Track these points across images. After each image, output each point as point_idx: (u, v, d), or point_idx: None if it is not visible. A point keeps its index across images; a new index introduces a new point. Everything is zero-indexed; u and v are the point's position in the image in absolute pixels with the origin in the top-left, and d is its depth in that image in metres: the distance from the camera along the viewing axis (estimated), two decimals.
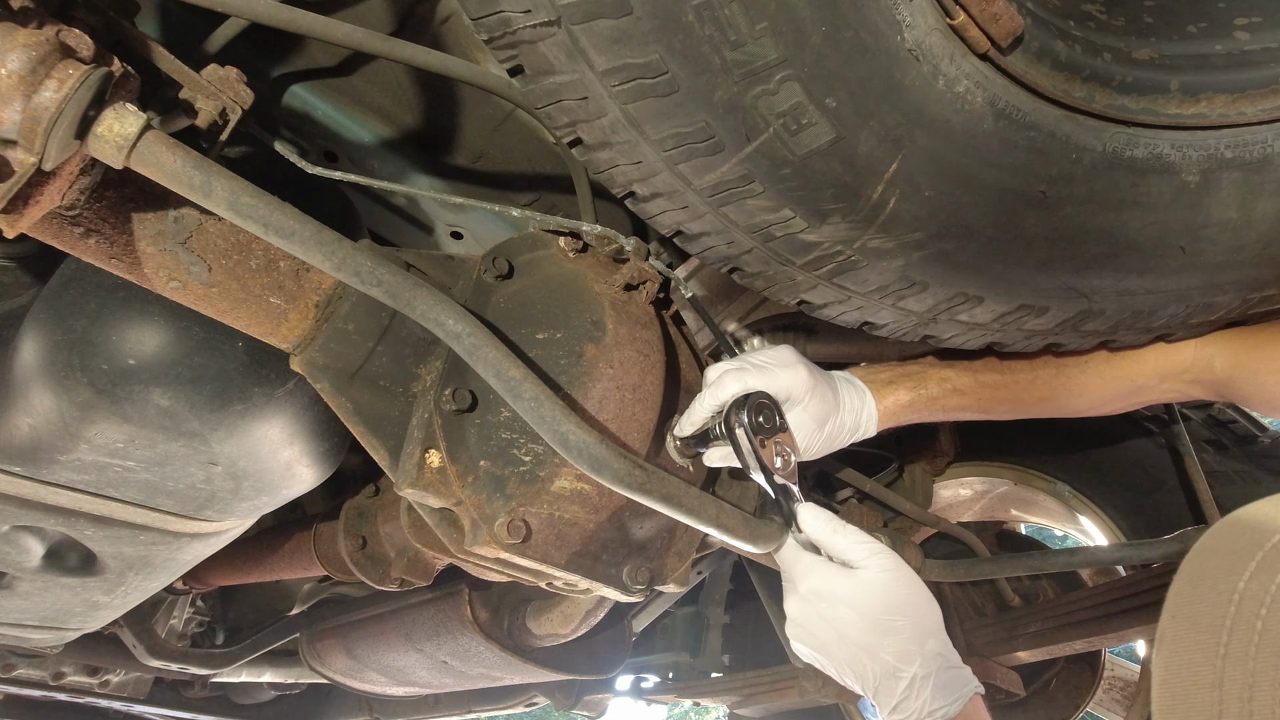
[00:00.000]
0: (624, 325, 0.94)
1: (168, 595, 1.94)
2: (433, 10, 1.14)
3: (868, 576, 0.79)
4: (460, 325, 0.76)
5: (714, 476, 1.08)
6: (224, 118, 0.88)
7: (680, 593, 2.31)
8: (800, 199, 0.77)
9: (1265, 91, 0.79)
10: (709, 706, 7.11)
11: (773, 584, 2.31)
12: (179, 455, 1.06)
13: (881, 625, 0.77)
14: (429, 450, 0.85)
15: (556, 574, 0.90)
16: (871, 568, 0.79)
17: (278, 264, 0.89)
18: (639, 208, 0.84)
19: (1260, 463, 1.61)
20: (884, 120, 0.72)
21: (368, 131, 1.27)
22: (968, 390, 1.04)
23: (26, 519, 1.15)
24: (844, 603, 0.79)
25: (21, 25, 0.62)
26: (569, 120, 0.76)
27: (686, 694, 2.62)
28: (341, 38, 0.96)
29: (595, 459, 0.74)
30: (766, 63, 0.68)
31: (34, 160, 0.63)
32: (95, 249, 0.80)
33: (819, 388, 0.97)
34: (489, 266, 0.98)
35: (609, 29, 0.67)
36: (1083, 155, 0.78)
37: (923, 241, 0.81)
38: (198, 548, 1.31)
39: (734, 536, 0.88)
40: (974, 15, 0.68)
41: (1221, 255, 0.86)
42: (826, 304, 0.92)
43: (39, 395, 0.98)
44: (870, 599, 0.78)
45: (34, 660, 1.97)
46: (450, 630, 1.52)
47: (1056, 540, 3.66)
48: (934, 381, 1.05)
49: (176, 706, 2.38)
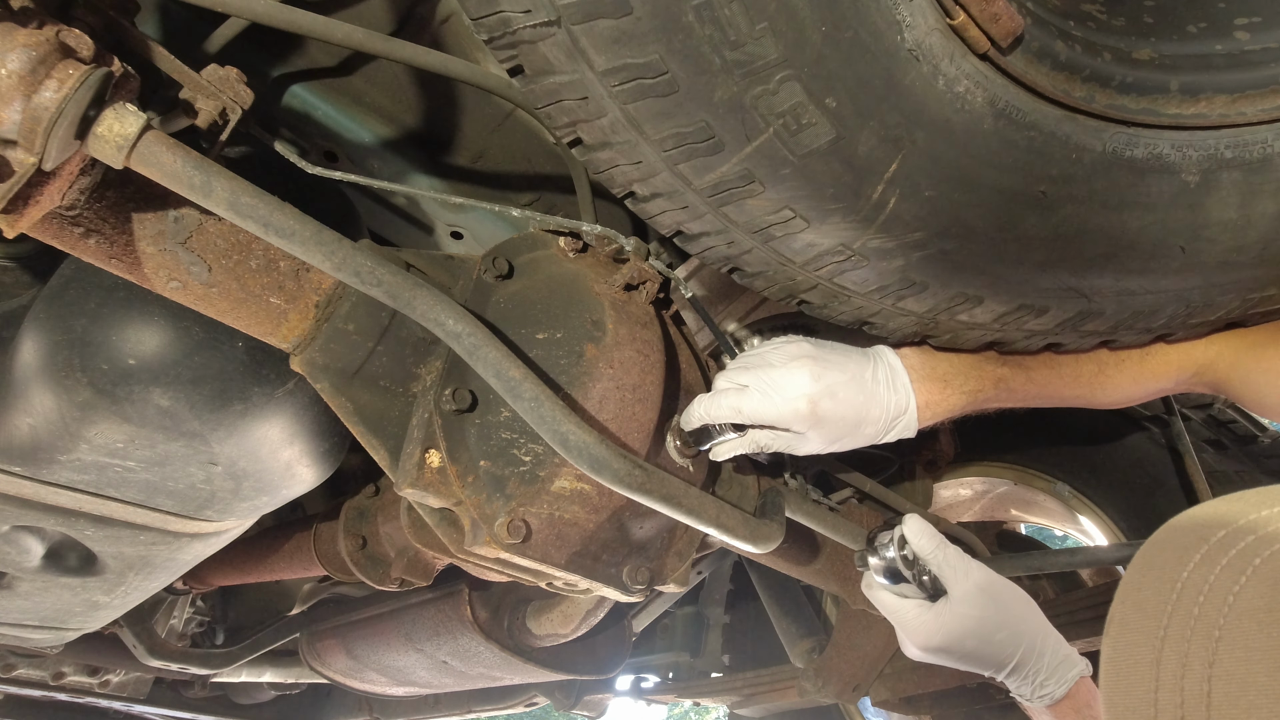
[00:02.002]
0: (624, 325, 0.94)
1: (168, 595, 1.94)
2: (433, 10, 1.14)
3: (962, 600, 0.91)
4: (460, 325, 0.76)
5: (714, 476, 1.08)
6: (224, 118, 0.88)
7: (680, 593, 2.31)
8: (800, 199, 0.77)
9: (1265, 91, 0.79)
10: (709, 706, 7.10)
11: (773, 584, 2.31)
12: (179, 455, 1.06)
13: (984, 638, 0.90)
14: (429, 450, 0.85)
15: (556, 574, 0.90)
16: (968, 590, 0.91)
17: (278, 264, 0.89)
18: (639, 208, 0.84)
19: (1260, 463, 1.61)
20: (884, 120, 0.72)
21: (368, 131, 1.27)
22: (1018, 389, 0.98)
23: (26, 519, 1.15)
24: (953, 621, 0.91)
25: (21, 25, 0.62)
26: (569, 120, 0.76)
27: (686, 694, 2.63)
28: (341, 38, 0.96)
29: (595, 459, 0.74)
30: (766, 63, 0.68)
31: (34, 160, 0.63)
32: (95, 249, 0.80)
33: (829, 406, 0.88)
34: (489, 266, 0.98)
35: (609, 29, 0.67)
36: (1083, 155, 0.78)
37: (923, 241, 0.81)
38: (198, 548, 1.31)
39: (734, 536, 0.88)
40: (974, 15, 0.68)
41: (1221, 255, 0.86)
42: (826, 304, 0.92)
43: (39, 395, 0.98)
44: (970, 618, 0.90)
45: (34, 660, 1.97)
46: (450, 630, 1.52)
47: (1056, 540, 3.66)
48: (990, 383, 0.96)
49: (176, 706, 2.38)
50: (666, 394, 0.98)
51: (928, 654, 0.95)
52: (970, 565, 0.94)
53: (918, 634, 0.94)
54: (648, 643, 2.75)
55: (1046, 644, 0.92)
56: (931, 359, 0.95)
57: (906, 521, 0.98)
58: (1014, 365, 0.97)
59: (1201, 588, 0.54)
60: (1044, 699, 0.93)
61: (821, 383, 0.88)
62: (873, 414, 0.90)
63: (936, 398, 0.92)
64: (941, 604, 0.93)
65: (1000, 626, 0.91)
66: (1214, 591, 0.53)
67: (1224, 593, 0.53)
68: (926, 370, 0.94)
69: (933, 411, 0.93)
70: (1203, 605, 0.53)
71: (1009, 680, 0.94)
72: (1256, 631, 0.50)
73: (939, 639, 0.92)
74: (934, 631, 0.92)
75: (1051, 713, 0.93)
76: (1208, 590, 0.53)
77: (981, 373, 0.95)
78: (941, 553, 0.94)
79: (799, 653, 2.16)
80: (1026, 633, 0.91)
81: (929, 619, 0.92)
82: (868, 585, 1.01)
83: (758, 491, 1.09)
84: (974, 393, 0.94)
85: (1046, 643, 0.92)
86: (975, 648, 0.91)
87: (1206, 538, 0.56)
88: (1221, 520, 0.57)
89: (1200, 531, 0.57)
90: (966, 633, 0.91)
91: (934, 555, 0.94)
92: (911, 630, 0.94)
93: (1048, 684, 0.92)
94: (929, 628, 0.92)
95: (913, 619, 0.94)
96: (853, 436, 0.91)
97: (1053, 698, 0.92)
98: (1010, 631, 0.91)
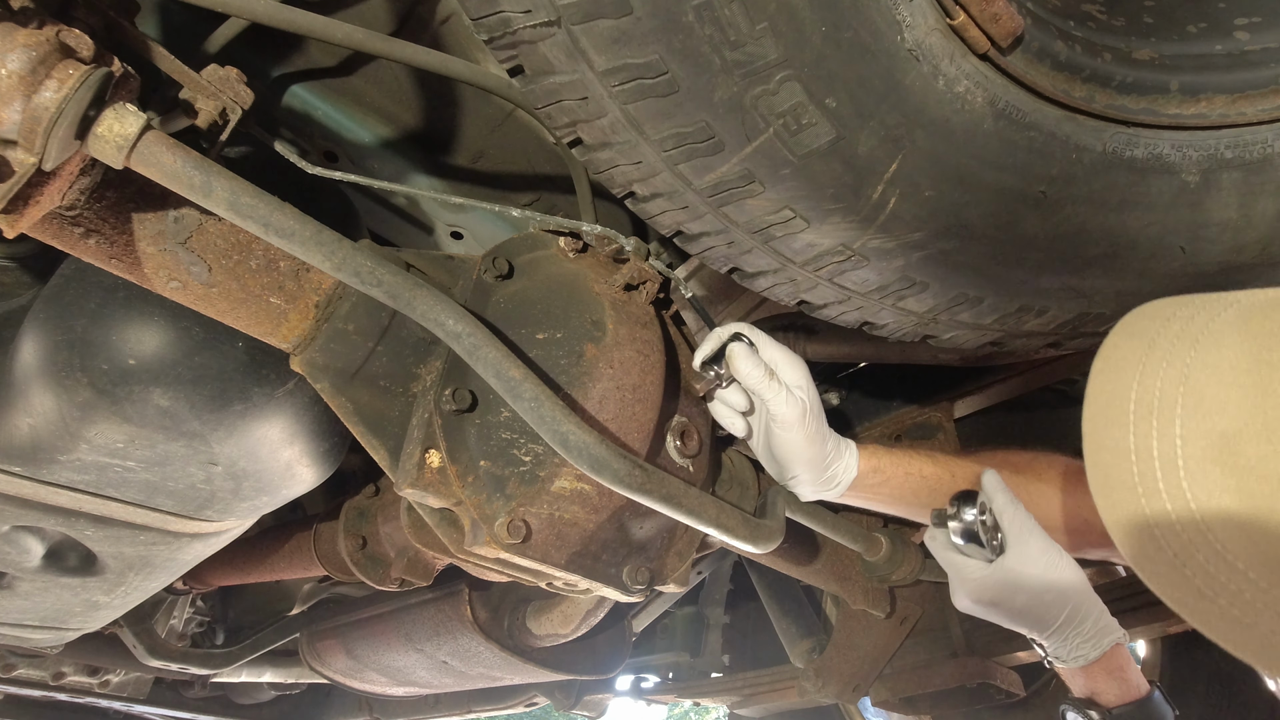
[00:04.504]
0: (624, 325, 0.94)
1: (168, 595, 1.94)
2: (433, 10, 1.14)
3: (1020, 558, 0.95)
4: (460, 325, 0.76)
5: (714, 476, 1.08)
6: (224, 118, 0.88)
7: (680, 593, 2.31)
8: (800, 199, 0.77)
9: (1265, 91, 0.79)
10: (709, 706, 7.11)
11: (773, 584, 2.31)
12: (179, 455, 1.06)
13: (1035, 595, 0.95)
14: (429, 450, 0.85)
15: (556, 574, 0.90)
16: (1010, 559, 0.95)
17: (278, 264, 0.89)
18: (639, 208, 0.84)
19: None
20: (884, 120, 0.72)
21: (368, 131, 1.27)
22: (937, 480, 1.09)
23: (26, 519, 1.15)
24: (1009, 576, 0.96)
25: (21, 25, 0.62)
26: (569, 120, 0.76)
27: (686, 694, 2.63)
28: (341, 38, 0.96)
29: (595, 459, 0.74)
30: (766, 63, 0.68)
31: (34, 160, 0.63)
32: (95, 249, 0.80)
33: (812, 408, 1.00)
34: (489, 266, 0.98)
35: (609, 29, 0.67)
36: (1083, 155, 0.78)
37: (923, 242, 0.81)
38: (198, 548, 1.31)
39: (734, 536, 0.88)
40: (974, 15, 0.68)
41: (1221, 255, 0.86)
42: (826, 304, 0.92)
43: (39, 395, 0.98)
44: (1026, 575, 0.95)
45: (34, 660, 1.97)
46: (450, 630, 1.52)
47: None
48: (913, 461, 1.09)
49: (176, 706, 2.38)
50: (666, 394, 0.98)
51: (979, 606, 1.00)
52: (1033, 526, 0.98)
53: (976, 586, 0.98)
54: (648, 643, 2.75)
55: (1090, 610, 0.97)
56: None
57: (986, 476, 1.03)
58: (926, 458, 1.11)
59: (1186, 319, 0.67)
60: (1078, 660, 0.97)
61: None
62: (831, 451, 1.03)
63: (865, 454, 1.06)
64: (1000, 560, 0.97)
65: (1050, 587, 0.95)
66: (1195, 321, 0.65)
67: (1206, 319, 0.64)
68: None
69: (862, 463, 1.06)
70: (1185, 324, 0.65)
71: (1049, 640, 0.99)
72: (1235, 332, 0.60)
73: (994, 593, 0.97)
74: (992, 585, 0.97)
75: (1085, 674, 0.98)
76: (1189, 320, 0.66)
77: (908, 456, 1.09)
78: (1012, 509, 0.98)
79: (799, 653, 2.16)
80: (1074, 596, 0.96)
81: (988, 572, 0.97)
82: (930, 538, 1.06)
83: (758, 491, 1.09)
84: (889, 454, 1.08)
85: (1091, 609, 0.97)
86: (1025, 604, 0.96)
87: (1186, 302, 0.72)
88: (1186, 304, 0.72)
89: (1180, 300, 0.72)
90: (1020, 589, 0.95)
91: (1006, 509, 0.98)
92: (971, 582, 0.99)
93: (1083, 646, 0.97)
94: (987, 581, 0.97)
95: (972, 571, 0.99)
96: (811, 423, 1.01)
97: (1087, 659, 0.97)
98: (1058, 593, 0.95)
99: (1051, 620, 0.96)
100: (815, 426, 0.98)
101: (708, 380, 1.00)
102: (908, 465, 1.08)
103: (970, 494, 1.02)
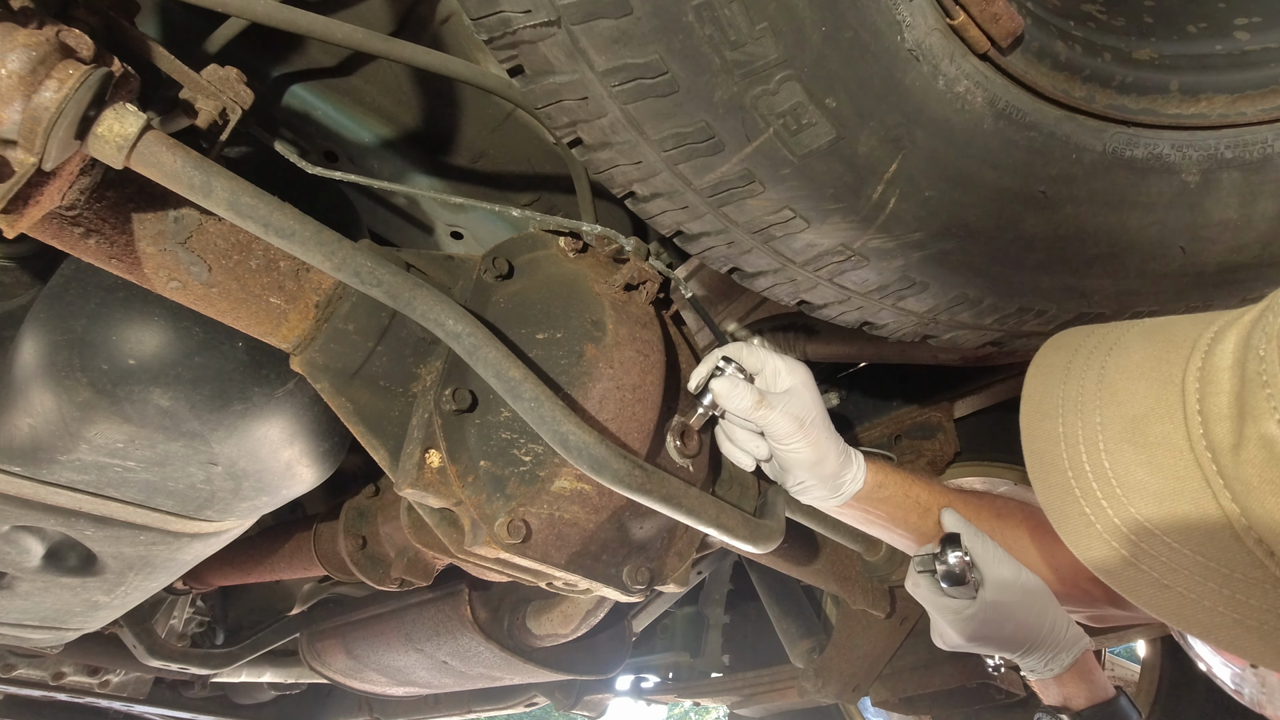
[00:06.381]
0: (624, 325, 0.94)
1: (168, 595, 1.94)
2: (433, 10, 1.14)
3: (999, 588, 0.98)
4: (460, 325, 0.76)
5: (714, 476, 1.08)
6: (224, 118, 0.88)
7: (680, 593, 2.31)
8: (800, 199, 0.77)
9: (1265, 91, 0.79)
10: (709, 706, 7.11)
11: (773, 584, 2.31)
12: (179, 455, 1.06)
13: (1018, 622, 0.98)
14: (429, 450, 0.85)
15: (556, 574, 0.90)
16: (990, 592, 0.98)
17: (278, 264, 0.89)
18: (639, 208, 0.84)
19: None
20: (884, 120, 0.72)
21: (368, 131, 1.27)
22: (928, 504, 1.10)
23: (26, 519, 1.15)
24: (992, 611, 0.98)
25: (21, 25, 0.62)
26: (569, 120, 0.76)
27: (686, 694, 2.63)
28: (341, 38, 0.96)
29: (595, 459, 0.74)
30: (766, 63, 0.68)
31: (34, 160, 0.63)
32: (95, 249, 0.80)
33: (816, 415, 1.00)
34: (489, 266, 0.98)
35: (609, 29, 0.67)
36: (1083, 155, 0.78)
37: (923, 242, 0.81)
38: (198, 548, 1.31)
39: (734, 536, 0.88)
40: (974, 15, 0.69)
41: (1221, 255, 0.86)
42: (826, 304, 0.92)
43: (39, 395, 0.98)
44: (1006, 604, 0.98)
45: (34, 660, 1.97)
46: (450, 630, 1.53)
47: None
48: (912, 484, 1.10)
49: (176, 706, 2.38)
50: (666, 394, 0.98)
51: (974, 643, 1.02)
52: (1000, 553, 1.00)
53: (966, 627, 1.00)
54: (648, 643, 2.75)
55: (1059, 622, 0.99)
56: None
57: (946, 515, 1.05)
58: (927, 487, 1.12)
59: (1102, 334, 0.76)
60: (1054, 670, 1.00)
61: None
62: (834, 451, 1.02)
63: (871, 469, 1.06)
64: (981, 594, 0.99)
65: (1027, 609, 0.98)
66: (1109, 335, 0.75)
67: (1118, 334, 0.74)
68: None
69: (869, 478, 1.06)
70: (1101, 337, 0.75)
71: (1026, 659, 1.01)
72: (1140, 340, 0.71)
73: (987, 627, 0.99)
74: (982, 620, 0.99)
75: (1057, 682, 1.01)
76: (1105, 334, 0.75)
77: (911, 480, 1.11)
78: (979, 542, 1.01)
79: (799, 653, 2.16)
80: (1047, 613, 0.99)
81: (976, 609, 0.99)
82: (914, 585, 1.06)
83: (758, 491, 1.09)
84: (894, 473, 1.09)
85: (1059, 621, 0.99)
86: (1013, 631, 0.98)
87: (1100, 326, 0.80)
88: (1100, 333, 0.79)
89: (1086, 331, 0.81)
90: (1007, 617, 0.98)
91: (974, 543, 1.00)
92: (960, 624, 1.00)
93: (1060, 657, 1.00)
94: (978, 617, 0.99)
95: (962, 609, 1.01)
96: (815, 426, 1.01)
97: (1063, 666, 1.00)
98: (1035, 612, 0.98)
99: (1029, 640, 0.99)
100: (818, 433, 0.98)
101: (699, 415, 0.99)
102: (907, 488, 1.09)
103: (953, 537, 1.03)
